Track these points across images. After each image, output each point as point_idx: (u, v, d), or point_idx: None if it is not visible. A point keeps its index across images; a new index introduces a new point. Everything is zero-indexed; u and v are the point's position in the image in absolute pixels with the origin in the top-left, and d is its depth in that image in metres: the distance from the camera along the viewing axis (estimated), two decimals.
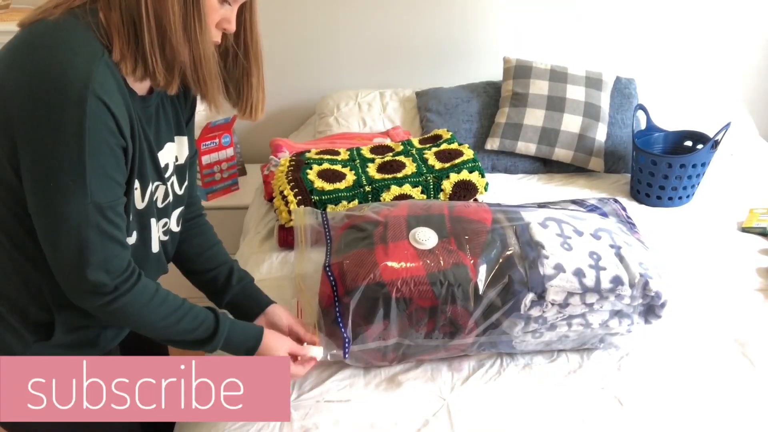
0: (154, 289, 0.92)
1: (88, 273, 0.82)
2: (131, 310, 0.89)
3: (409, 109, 2.30)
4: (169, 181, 1.00)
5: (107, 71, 0.79)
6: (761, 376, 1.19)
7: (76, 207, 0.79)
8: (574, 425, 1.07)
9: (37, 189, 0.79)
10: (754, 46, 2.46)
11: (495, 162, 2.13)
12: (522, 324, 1.14)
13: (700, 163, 1.83)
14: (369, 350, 1.15)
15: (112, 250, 0.84)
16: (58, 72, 0.75)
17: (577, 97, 2.10)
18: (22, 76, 0.76)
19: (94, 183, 0.79)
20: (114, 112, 0.79)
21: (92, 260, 0.82)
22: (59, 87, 0.74)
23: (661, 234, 1.71)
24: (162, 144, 0.97)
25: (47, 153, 0.77)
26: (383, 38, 2.43)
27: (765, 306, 1.40)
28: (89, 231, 0.81)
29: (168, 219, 1.02)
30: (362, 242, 1.17)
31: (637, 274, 1.15)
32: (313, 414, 1.08)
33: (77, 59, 0.76)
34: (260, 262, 1.57)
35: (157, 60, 0.80)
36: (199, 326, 0.97)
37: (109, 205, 0.82)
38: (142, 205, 0.92)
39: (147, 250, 0.97)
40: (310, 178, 1.61)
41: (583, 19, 2.40)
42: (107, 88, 0.78)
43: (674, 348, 1.26)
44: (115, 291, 0.86)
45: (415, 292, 1.10)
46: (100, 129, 0.77)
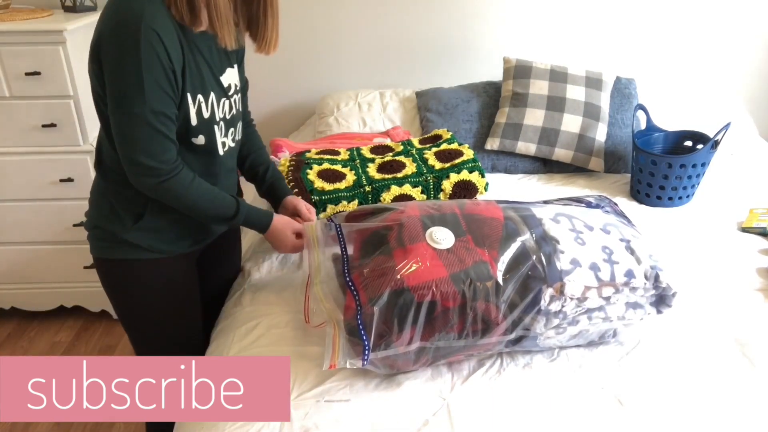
0: (192, 176, 1.20)
1: (142, 158, 1.11)
2: (176, 190, 1.17)
3: (409, 109, 2.30)
4: (232, 98, 1.28)
5: (160, 11, 1.06)
6: (761, 376, 1.19)
7: (137, 109, 1.07)
8: (574, 425, 1.07)
9: (112, 96, 1.08)
10: (754, 46, 2.47)
11: (495, 162, 2.13)
12: (544, 320, 1.15)
13: (700, 163, 1.83)
14: (399, 356, 1.12)
15: (161, 143, 1.12)
16: (122, 14, 1.04)
17: (577, 97, 2.10)
18: (107, 20, 1.07)
19: (149, 92, 1.06)
20: (164, 40, 1.05)
21: (145, 148, 1.10)
22: (123, 23, 1.04)
23: (661, 234, 1.71)
24: (224, 68, 1.24)
25: (117, 70, 1.06)
26: (383, 38, 2.43)
27: (765, 306, 1.40)
28: (145, 128, 1.09)
29: (234, 128, 1.31)
30: (379, 248, 1.16)
31: (649, 266, 1.17)
32: (313, 414, 1.08)
33: (136, 4, 1.04)
34: (260, 262, 1.57)
35: (183, 6, 1.08)
36: (227, 206, 1.27)
37: (161, 111, 1.09)
38: (207, 114, 1.19)
39: (214, 151, 1.26)
40: (310, 178, 1.61)
41: (583, 19, 2.40)
42: (159, 22, 1.05)
43: (674, 348, 1.26)
44: (164, 174, 1.14)
45: (440, 293, 1.09)
46: (152, 52, 1.04)
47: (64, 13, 2.18)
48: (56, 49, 1.96)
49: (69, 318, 2.52)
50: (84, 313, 2.52)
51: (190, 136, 1.18)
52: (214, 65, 1.21)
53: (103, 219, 1.26)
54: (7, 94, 2.02)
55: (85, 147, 2.11)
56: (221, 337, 1.34)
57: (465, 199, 1.36)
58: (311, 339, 1.26)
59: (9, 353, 2.33)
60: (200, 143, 1.21)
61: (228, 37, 1.14)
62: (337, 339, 1.10)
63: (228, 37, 1.14)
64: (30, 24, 1.98)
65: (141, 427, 2.00)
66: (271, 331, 1.30)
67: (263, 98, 2.50)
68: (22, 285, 2.38)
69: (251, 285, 1.50)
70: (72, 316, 2.52)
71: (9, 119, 2.06)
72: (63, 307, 2.47)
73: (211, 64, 1.20)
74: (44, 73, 1.99)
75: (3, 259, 2.32)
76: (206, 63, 1.18)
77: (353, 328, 1.09)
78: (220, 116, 1.24)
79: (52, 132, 2.08)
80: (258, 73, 2.46)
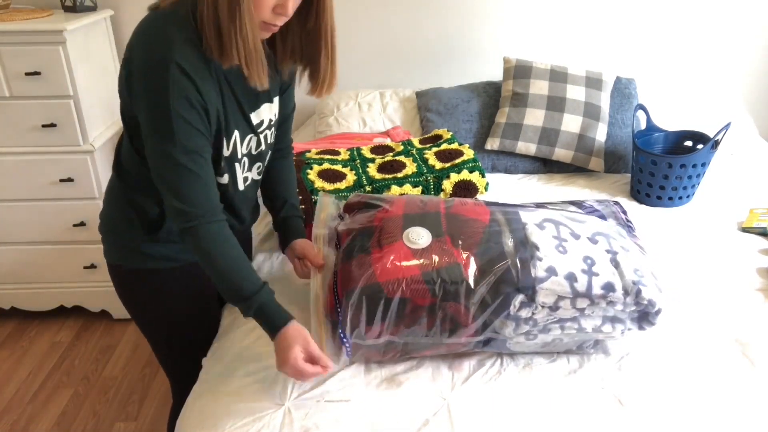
0: (229, 235, 1.10)
1: (173, 200, 1.05)
2: (204, 241, 1.07)
3: (409, 109, 2.30)
4: (263, 134, 1.22)
5: (189, 48, 1.00)
6: (761, 376, 1.19)
7: (168, 149, 1.02)
8: (574, 425, 1.07)
9: (146, 134, 1.04)
10: (755, 46, 2.47)
11: (495, 162, 2.13)
12: (513, 325, 1.14)
13: (700, 163, 1.83)
14: (367, 346, 1.16)
15: (194, 185, 1.05)
16: (153, 48, 1.00)
17: (577, 97, 2.10)
18: (137, 47, 1.02)
19: (179, 131, 1.01)
20: (193, 78, 1.00)
21: (176, 190, 1.05)
22: (153, 62, 0.99)
23: (662, 234, 1.71)
24: (259, 104, 1.18)
25: (149, 110, 1.01)
26: (383, 38, 2.43)
27: (765, 306, 1.40)
28: (176, 168, 1.03)
29: (261, 162, 1.27)
30: (362, 249, 1.18)
31: (631, 281, 1.13)
32: (313, 414, 1.08)
33: (166, 41, 0.99)
34: (261, 262, 1.57)
35: (213, 39, 1.00)
36: (248, 282, 1.10)
37: (194, 150, 1.04)
38: (227, 152, 1.14)
39: (236, 187, 1.21)
40: (310, 178, 1.61)
41: (583, 19, 2.40)
42: (189, 60, 1.00)
43: (674, 348, 1.26)
44: (194, 219, 1.06)
45: (411, 291, 1.11)
46: (181, 91, 0.99)
47: (64, 13, 2.18)
48: (56, 49, 1.96)
49: (69, 318, 2.52)
50: (84, 313, 2.52)
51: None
52: (246, 102, 1.15)
53: (117, 225, 1.24)
54: (7, 94, 2.02)
55: (85, 147, 2.11)
56: (221, 337, 1.34)
57: (457, 198, 1.35)
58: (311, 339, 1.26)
59: (9, 353, 2.33)
60: (224, 181, 1.17)
61: (259, 77, 1.04)
62: (323, 336, 1.15)
63: (259, 76, 1.04)
64: (30, 24, 1.98)
65: (141, 427, 2.00)
66: None
67: None
68: (22, 285, 2.38)
69: None
70: (72, 316, 2.52)
71: (9, 119, 2.06)
72: (63, 307, 2.47)
73: (242, 101, 1.14)
74: (44, 73, 1.99)
75: (3, 259, 2.32)
76: (235, 100, 1.12)
77: (335, 323, 1.15)
78: (243, 152, 1.19)
79: (52, 132, 2.08)
80: None
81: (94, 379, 2.21)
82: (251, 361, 1.22)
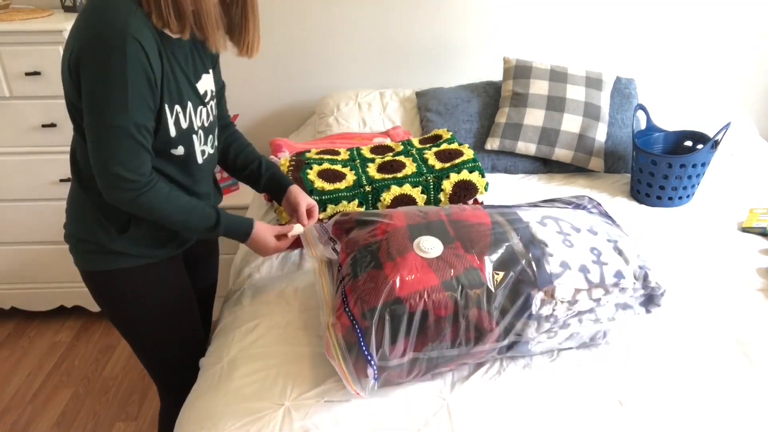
0: (169, 188, 1.17)
1: (120, 171, 1.08)
2: (153, 202, 1.14)
3: (409, 109, 2.30)
4: (209, 105, 1.27)
5: (141, 21, 1.04)
6: (761, 375, 1.19)
7: (120, 122, 1.04)
8: (574, 425, 1.07)
9: (91, 108, 1.05)
10: (755, 47, 2.46)
11: (495, 162, 2.13)
12: (536, 324, 1.14)
13: (700, 163, 1.83)
14: (393, 367, 1.10)
15: (140, 156, 1.09)
16: (104, 25, 1.02)
17: (577, 97, 2.10)
18: (85, 31, 1.04)
19: (133, 105, 1.05)
20: (147, 51, 1.04)
21: (123, 161, 1.08)
22: (107, 36, 1.01)
23: (662, 234, 1.71)
24: (200, 75, 1.23)
25: (101, 82, 1.03)
26: (383, 38, 2.43)
27: (765, 306, 1.40)
28: (126, 140, 1.06)
29: (213, 135, 1.30)
30: (370, 264, 1.14)
31: (637, 266, 1.17)
32: (313, 414, 1.08)
33: (119, 15, 1.02)
34: (260, 263, 1.57)
35: (170, 12, 1.06)
36: (206, 216, 1.24)
37: (143, 124, 1.08)
38: (185, 124, 1.18)
39: (193, 160, 1.24)
40: (310, 178, 1.61)
41: (583, 19, 2.40)
42: (142, 33, 1.04)
43: (675, 348, 1.26)
44: (141, 187, 1.11)
45: (433, 302, 1.07)
46: (137, 64, 1.03)
47: (64, 13, 2.18)
48: (56, 49, 1.96)
49: (69, 318, 2.52)
50: (84, 313, 2.52)
51: (170, 148, 1.17)
52: (190, 73, 1.20)
53: (88, 231, 1.23)
54: (7, 94, 2.02)
55: None
56: (221, 337, 1.34)
57: (451, 206, 1.34)
58: (311, 339, 1.26)
59: (9, 353, 2.33)
60: (179, 154, 1.19)
61: (219, 41, 1.14)
62: (344, 367, 1.07)
63: (219, 40, 1.14)
64: (30, 24, 1.98)
65: (141, 427, 2.00)
66: (271, 332, 1.30)
67: (263, 98, 2.50)
68: (22, 285, 2.38)
69: (251, 285, 1.50)
70: (72, 316, 2.53)
71: (9, 119, 2.06)
72: (63, 307, 2.47)
73: (188, 73, 1.18)
74: (44, 73, 1.99)
75: (3, 259, 2.32)
76: (183, 72, 1.17)
77: (352, 345, 1.06)
78: (198, 125, 1.22)
79: (52, 132, 2.08)
80: (258, 73, 2.46)
81: (94, 379, 2.21)
82: (250, 361, 1.22)
